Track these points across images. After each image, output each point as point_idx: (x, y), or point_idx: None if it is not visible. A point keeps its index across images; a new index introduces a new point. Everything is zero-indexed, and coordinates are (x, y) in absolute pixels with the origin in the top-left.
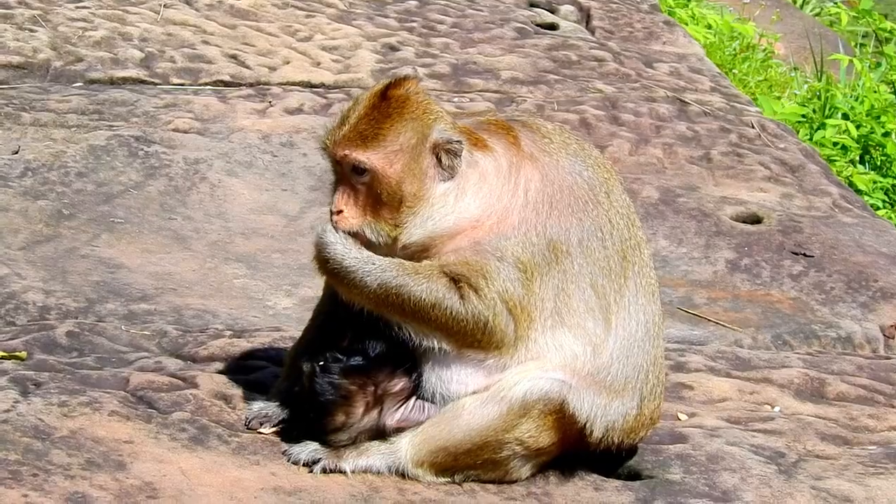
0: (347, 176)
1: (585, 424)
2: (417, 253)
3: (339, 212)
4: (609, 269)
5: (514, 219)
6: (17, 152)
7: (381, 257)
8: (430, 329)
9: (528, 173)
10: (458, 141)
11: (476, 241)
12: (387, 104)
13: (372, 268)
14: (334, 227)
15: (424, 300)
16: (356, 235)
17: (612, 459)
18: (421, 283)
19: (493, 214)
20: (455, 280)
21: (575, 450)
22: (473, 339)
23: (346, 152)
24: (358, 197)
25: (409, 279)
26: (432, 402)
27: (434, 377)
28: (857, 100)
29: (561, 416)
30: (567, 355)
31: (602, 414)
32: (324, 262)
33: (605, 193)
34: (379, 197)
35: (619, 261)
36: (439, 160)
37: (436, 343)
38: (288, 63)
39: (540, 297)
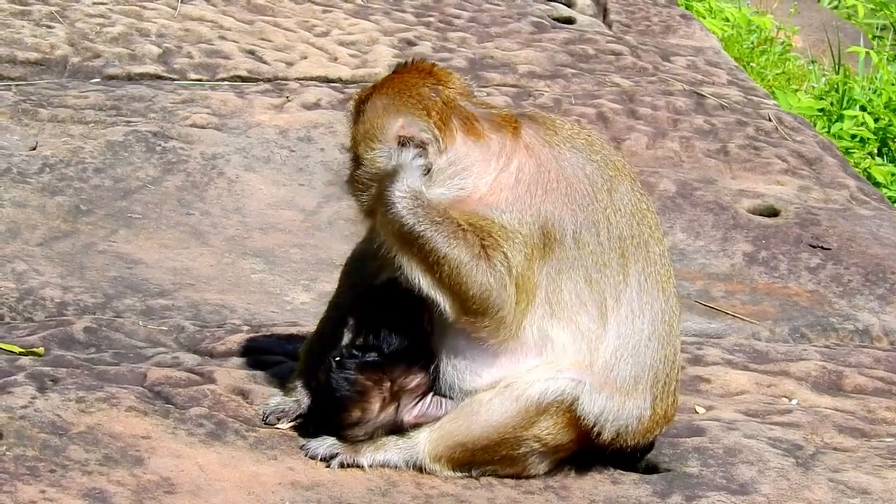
0: None
1: (593, 427)
2: None
3: None
4: (604, 264)
5: (505, 195)
6: (34, 148)
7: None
8: (441, 281)
9: (523, 160)
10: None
11: (471, 211)
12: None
13: (416, 203)
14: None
15: (445, 243)
16: None
17: (631, 453)
18: (446, 227)
19: (477, 189)
20: (473, 231)
21: (593, 447)
22: (476, 298)
23: None
24: None
25: (435, 224)
26: (449, 397)
27: (450, 368)
28: (874, 92)
29: (573, 416)
30: (568, 352)
31: (614, 417)
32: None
33: (606, 191)
34: None
35: (616, 258)
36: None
37: (441, 299)
38: (305, 58)
39: (536, 280)
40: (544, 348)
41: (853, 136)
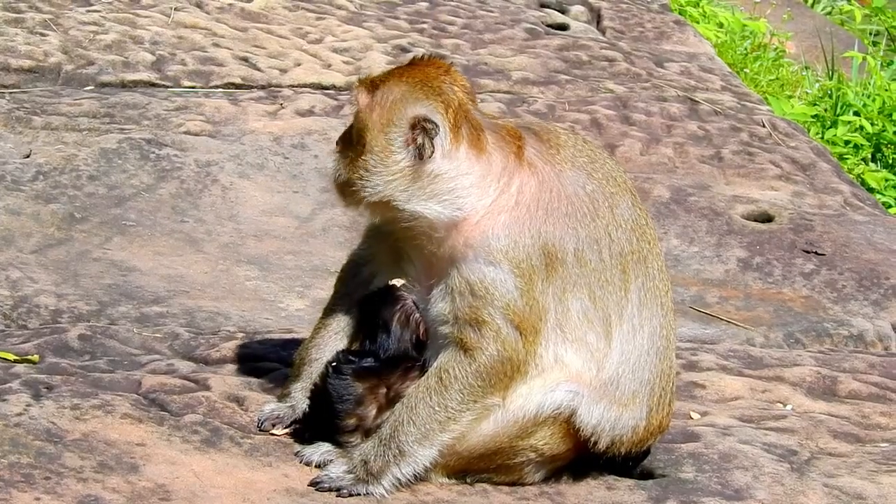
0: None
1: (591, 437)
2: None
3: None
4: (606, 281)
5: (503, 217)
6: (28, 156)
7: None
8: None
9: (524, 179)
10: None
11: (466, 245)
12: None
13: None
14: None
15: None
16: None
17: (624, 460)
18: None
19: (475, 212)
20: (461, 344)
21: (587, 454)
22: (489, 387)
23: None
24: None
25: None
26: None
27: None
28: (868, 97)
29: (570, 427)
30: (572, 369)
31: (610, 427)
32: None
33: (607, 207)
34: None
35: (618, 274)
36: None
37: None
38: (299, 65)
39: (543, 304)
40: (556, 369)
41: (847, 142)
